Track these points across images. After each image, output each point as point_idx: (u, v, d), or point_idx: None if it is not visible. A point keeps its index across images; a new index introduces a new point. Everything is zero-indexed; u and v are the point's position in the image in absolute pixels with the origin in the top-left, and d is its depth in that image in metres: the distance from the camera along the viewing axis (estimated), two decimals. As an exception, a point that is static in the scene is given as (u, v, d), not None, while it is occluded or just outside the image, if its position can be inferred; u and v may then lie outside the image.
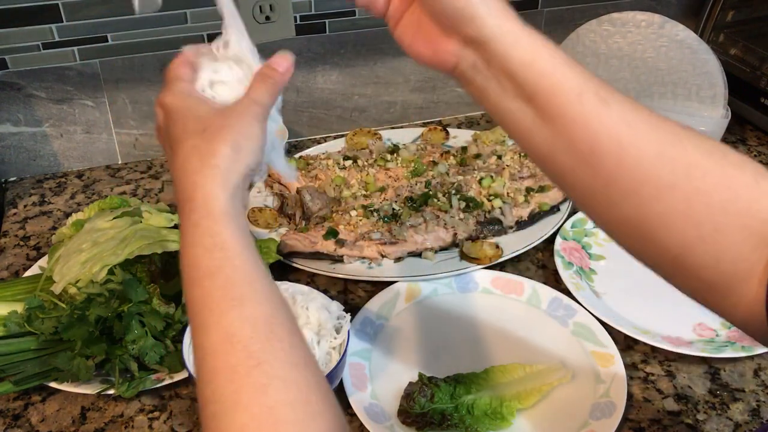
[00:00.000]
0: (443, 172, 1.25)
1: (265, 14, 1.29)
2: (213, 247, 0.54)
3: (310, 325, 0.87)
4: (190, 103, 0.61)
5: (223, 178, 0.56)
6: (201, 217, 0.55)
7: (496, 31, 0.55)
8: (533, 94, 0.55)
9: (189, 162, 0.57)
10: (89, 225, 1.02)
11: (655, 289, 1.08)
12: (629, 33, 1.20)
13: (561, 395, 0.90)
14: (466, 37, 0.57)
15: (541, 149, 0.57)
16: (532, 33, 0.56)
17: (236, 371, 0.49)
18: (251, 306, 0.52)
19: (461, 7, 0.55)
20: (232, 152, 0.57)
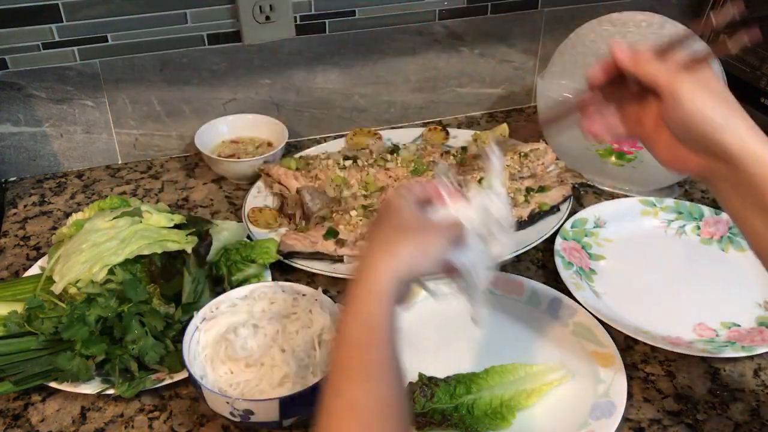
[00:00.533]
0: (443, 172, 1.25)
1: (265, 14, 1.29)
2: (366, 324, 0.62)
3: (312, 329, 0.87)
4: (405, 208, 0.70)
5: (395, 267, 0.64)
6: (364, 292, 0.63)
7: (742, 152, 0.64)
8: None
9: (375, 245, 0.66)
10: (89, 225, 1.02)
11: (655, 289, 1.08)
12: (629, 33, 1.20)
13: (561, 395, 0.90)
14: (715, 156, 0.66)
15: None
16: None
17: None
18: (381, 386, 0.59)
19: (710, 136, 0.65)
20: (413, 251, 0.65)
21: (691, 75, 0.67)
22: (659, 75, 0.67)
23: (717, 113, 0.65)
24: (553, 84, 1.29)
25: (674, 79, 0.67)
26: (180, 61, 1.31)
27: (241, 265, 1.03)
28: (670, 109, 0.67)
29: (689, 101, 0.65)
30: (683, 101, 0.66)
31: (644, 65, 0.69)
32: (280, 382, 0.82)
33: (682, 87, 0.66)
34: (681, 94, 0.66)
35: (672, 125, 0.68)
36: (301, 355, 0.84)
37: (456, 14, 1.42)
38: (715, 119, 0.65)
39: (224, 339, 0.85)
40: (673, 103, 0.66)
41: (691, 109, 0.65)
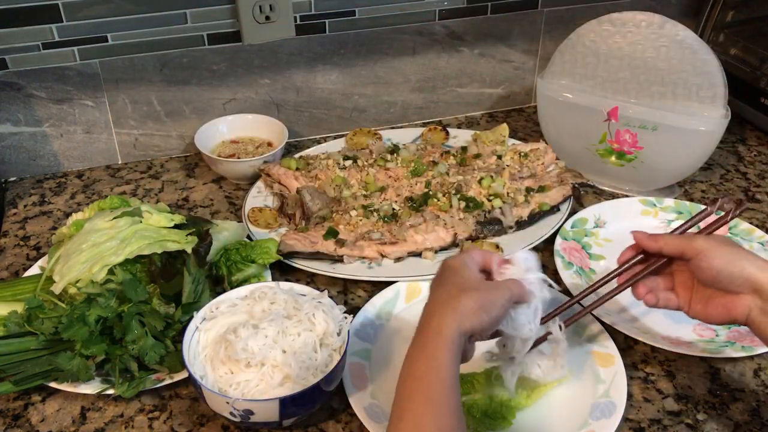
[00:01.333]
0: (443, 172, 1.25)
1: (265, 14, 1.29)
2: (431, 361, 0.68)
3: (314, 332, 0.86)
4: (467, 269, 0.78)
5: (458, 319, 0.71)
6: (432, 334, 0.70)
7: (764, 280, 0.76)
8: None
9: (440, 299, 0.74)
10: (89, 225, 1.02)
11: (655, 289, 1.08)
12: (629, 33, 1.20)
13: (561, 395, 0.90)
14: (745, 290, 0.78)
15: None
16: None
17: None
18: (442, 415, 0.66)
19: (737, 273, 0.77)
20: (474, 307, 0.72)
21: (703, 236, 0.83)
22: (681, 242, 0.82)
23: (736, 256, 0.78)
24: (553, 84, 1.29)
25: (693, 240, 0.81)
26: (180, 61, 1.31)
27: (241, 265, 1.03)
28: (696, 263, 0.80)
29: (711, 250, 0.79)
30: (706, 252, 0.79)
31: (664, 239, 0.83)
32: (281, 383, 0.82)
33: (698, 244, 0.80)
34: (701, 248, 0.79)
35: (703, 276, 0.80)
36: (303, 357, 0.84)
37: (456, 14, 1.42)
38: (736, 260, 0.78)
39: (224, 339, 0.85)
40: (698, 257, 0.79)
41: (713, 256, 0.78)
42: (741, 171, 1.37)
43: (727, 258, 0.78)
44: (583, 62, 1.26)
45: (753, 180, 1.35)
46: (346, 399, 0.88)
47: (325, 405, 0.90)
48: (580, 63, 1.26)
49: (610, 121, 1.24)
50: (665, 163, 1.23)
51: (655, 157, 1.23)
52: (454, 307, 0.72)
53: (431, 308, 0.74)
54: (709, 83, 1.16)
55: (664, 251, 0.83)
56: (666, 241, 0.83)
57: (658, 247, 0.83)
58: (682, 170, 1.25)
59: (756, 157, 1.41)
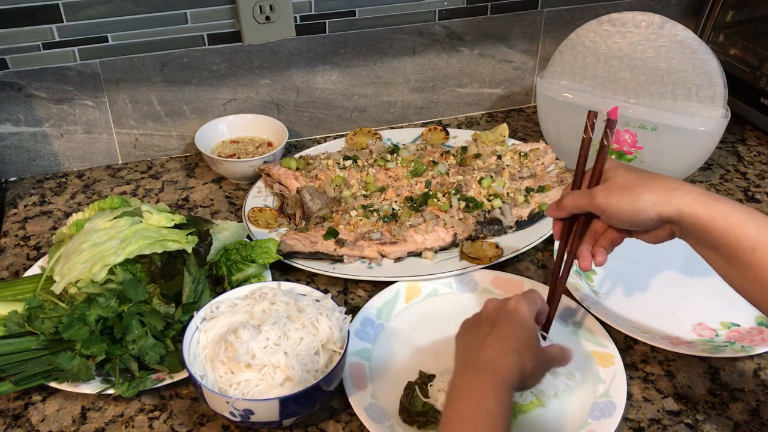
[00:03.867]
0: (443, 172, 1.25)
1: (265, 14, 1.29)
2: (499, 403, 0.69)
3: (317, 337, 0.86)
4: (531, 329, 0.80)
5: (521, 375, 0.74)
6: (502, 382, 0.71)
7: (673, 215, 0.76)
8: (718, 247, 0.75)
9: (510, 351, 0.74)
10: (89, 225, 1.02)
11: (655, 289, 1.09)
12: (629, 33, 1.20)
13: (561, 395, 0.90)
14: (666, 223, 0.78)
15: (734, 284, 0.78)
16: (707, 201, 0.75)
17: None
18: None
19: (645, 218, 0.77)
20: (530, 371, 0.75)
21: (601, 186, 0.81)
22: (582, 202, 0.82)
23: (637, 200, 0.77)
24: (553, 84, 1.29)
25: (592, 198, 0.80)
26: (180, 61, 1.31)
27: (241, 265, 1.03)
28: (608, 219, 0.81)
29: (611, 207, 0.79)
30: (609, 211, 0.79)
31: (568, 203, 0.84)
32: (281, 383, 0.82)
33: (600, 201, 0.79)
34: (603, 207, 0.79)
35: (620, 226, 0.82)
36: (305, 361, 0.84)
37: (456, 14, 1.42)
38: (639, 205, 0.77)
39: (224, 340, 0.85)
40: (606, 215, 0.80)
41: (618, 211, 0.78)
42: (741, 171, 1.37)
43: (630, 207, 0.77)
44: (583, 62, 1.26)
45: (753, 180, 1.35)
46: (346, 399, 0.89)
47: (325, 405, 0.90)
48: (580, 63, 1.26)
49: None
50: (665, 163, 1.23)
51: (655, 158, 1.23)
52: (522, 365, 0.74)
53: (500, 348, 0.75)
54: (709, 83, 1.17)
55: (574, 213, 0.84)
56: (570, 204, 0.83)
57: (567, 212, 0.84)
58: (682, 170, 1.25)
59: (756, 157, 1.42)
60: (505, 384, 0.71)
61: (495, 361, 0.73)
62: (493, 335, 0.76)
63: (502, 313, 0.80)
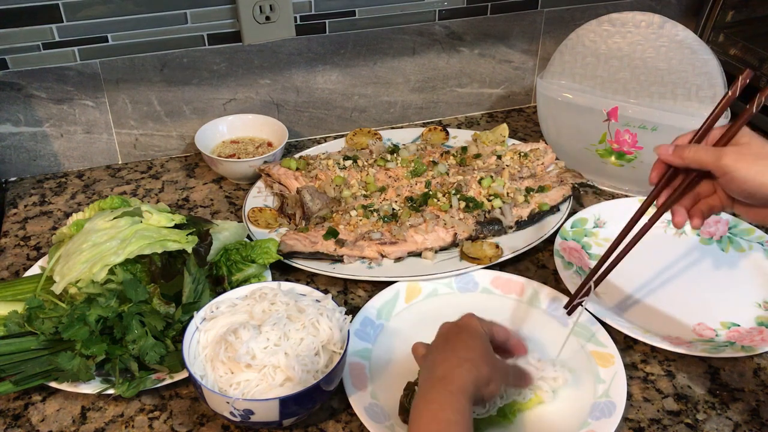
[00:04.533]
0: (443, 172, 1.25)
1: (265, 14, 1.29)
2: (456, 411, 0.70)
3: (318, 338, 0.86)
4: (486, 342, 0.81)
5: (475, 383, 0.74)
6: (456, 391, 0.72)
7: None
8: None
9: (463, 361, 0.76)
10: (89, 225, 1.02)
11: (655, 289, 1.09)
12: (629, 33, 1.20)
13: (561, 395, 0.90)
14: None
15: None
16: None
17: None
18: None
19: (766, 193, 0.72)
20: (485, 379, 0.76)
21: (731, 147, 0.75)
22: (705, 158, 0.75)
23: (765, 173, 0.72)
24: (553, 84, 1.29)
25: (718, 157, 0.74)
26: (180, 61, 1.31)
27: (241, 265, 1.03)
28: (726, 184, 0.75)
29: (738, 171, 0.73)
30: (734, 174, 0.73)
31: (689, 155, 0.77)
32: (281, 383, 0.82)
33: (727, 163, 0.73)
34: (730, 169, 0.73)
35: (735, 195, 0.76)
36: (305, 361, 0.84)
37: (456, 14, 1.42)
38: (766, 179, 0.72)
39: (224, 340, 0.85)
40: (726, 179, 0.74)
41: (744, 178, 0.73)
42: (741, 171, 1.37)
43: (759, 177, 0.72)
44: (583, 62, 1.26)
45: (753, 180, 1.35)
46: (346, 399, 0.89)
47: (325, 405, 0.90)
48: (580, 63, 1.26)
49: (609, 121, 1.24)
50: (665, 163, 1.23)
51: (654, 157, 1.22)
52: (477, 372, 0.75)
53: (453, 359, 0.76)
54: (709, 83, 1.17)
55: (690, 167, 0.78)
56: (692, 156, 0.76)
57: (684, 163, 0.77)
58: (682, 170, 1.25)
59: (756, 157, 1.41)
60: (461, 392, 0.72)
61: (448, 372, 0.74)
62: (446, 351, 0.78)
63: (453, 329, 0.82)
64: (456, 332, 0.81)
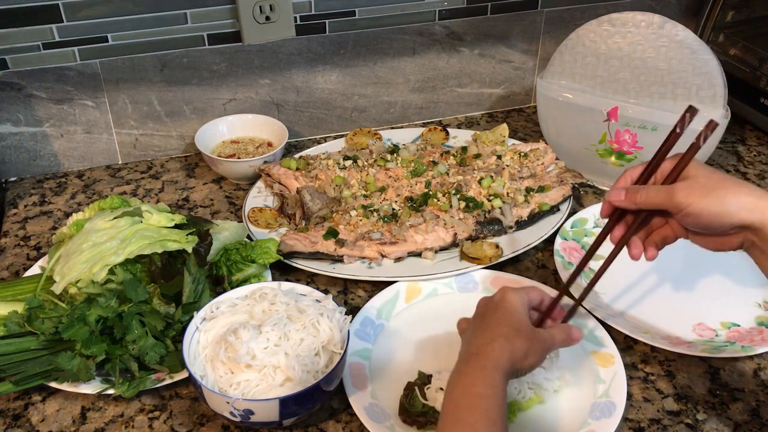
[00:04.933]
0: (443, 172, 1.25)
1: (265, 14, 1.29)
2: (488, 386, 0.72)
3: (318, 338, 0.86)
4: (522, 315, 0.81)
5: (512, 358, 0.75)
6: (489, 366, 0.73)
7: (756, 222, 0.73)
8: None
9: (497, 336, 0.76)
10: (89, 225, 1.02)
11: (655, 289, 1.08)
12: (629, 33, 1.20)
13: (561, 395, 0.90)
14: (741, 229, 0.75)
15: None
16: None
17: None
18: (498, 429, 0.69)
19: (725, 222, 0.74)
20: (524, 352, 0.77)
21: (681, 183, 0.77)
22: (657, 198, 0.77)
23: (721, 203, 0.73)
24: (553, 84, 1.29)
25: (670, 196, 0.76)
26: (180, 61, 1.31)
27: (241, 265, 1.03)
28: (682, 219, 0.76)
29: (692, 206, 0.74)
30: (688, 210, 0.75)
31: (642, 199, 0.78)
32: (281, 383, 0.82)
33: (680, 200, 0.75)
34: (683, 206, 0.75)
35: (692, 228, 0.78)
36: (305, 361, 0.84)
37: (456, 14, 1.42)
38: (722, 208, 0.73)
39: (224, 340, 0.85)
40: (681, 215, 0.76)
41: (698, 212, 0.74)
42: (741, 171, 1.37)
43: (713, 209, 0.73)
44: (583, 62, 1.26)
45: (753, 180, 1.35)
46: (346, 399, 0.89)
47: (325, 405, 0.90)
48: (580, 63, 1.26)
49: (609, 121, 1.24)
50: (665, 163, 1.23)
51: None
52: (510, 349, 0.75)
53: (488, 335, 0.77)
54: (709, 83, 1.17)
55: (644, 208, 0.79)
56: (644, 199, 0.78)
57: (637, 206, 0.79)
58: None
59: (756, 157, 1.42)
60: (495, 368, 0.73)
61: (482, 348, 0.75)
62: (482, 327, 0.79)
63: (489, 306, 0.83)
64: (493, 308, 0.81)
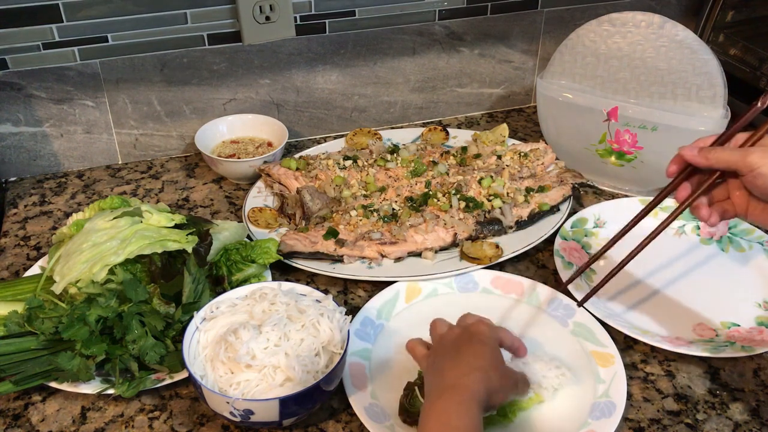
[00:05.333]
0: (443, 172, 1.25)
1: (265, 14, 1.29)
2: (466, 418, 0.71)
3: (318, 339, 0.86)
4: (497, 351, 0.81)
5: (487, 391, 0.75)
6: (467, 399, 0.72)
7: None
8: None
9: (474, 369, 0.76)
10: (89, 225, 1.02)
11: (655, 289, 1.09)
12: (629, 33, 1.20)
13: (561, 395, 0.90)
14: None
15: None
16: None
17: None
18: None
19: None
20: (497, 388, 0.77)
21: (756, 147, 0.77)
22: (731, 157, 0.77)
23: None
24: (553, 84, 1.29)
25: (744, 155, 0.76)
26: (180, 61, 1.31)
27: (241, 265, 1.03)
28: (751, 180, 0.76)
29: (764, 167, 0.74)
30: (760, 170, 0.74)
31: (715, 155, 0.78)
32: (281, 383, 0.82)
33: (754, 159, 0.75)
34: (757, 165, 0.75)
35: (758, 192, 0.77)
36: (305, 362, 0.84)
37: (456, 14, 1.42)
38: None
39: (224, 340, 0.85)
40: (752, 175, 0.75)
41: None
42: (741, 171, 1.37)
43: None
44: (583, 62, 1.26)
45: (753, 180, 1.35)
46: (346, 399, 0.89)
47: (325, 405, 0.90)
48: (580, 63, 1.26)
49: (609, 121, 1.24)
50: (665, 163, 1.22)
51: (654, 157, 1.23)
52: (488, 380, 0.75)
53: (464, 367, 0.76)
54: (709, 83, 1.17)
55: (715, 167, 0.79)
56: (717, 157, 0.78)
57: (709, 163, 0.79)
58: (682, 170, 1.24)
59: (756, 157, 1.41)
60: (471, 401, 0.72)
61: (458, 380, 0.74)
62: (457, 358, 0.78)
63: (464, 336, 0.81)
64: (467, 339, 0.81)
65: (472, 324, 0.83)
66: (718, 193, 0.82)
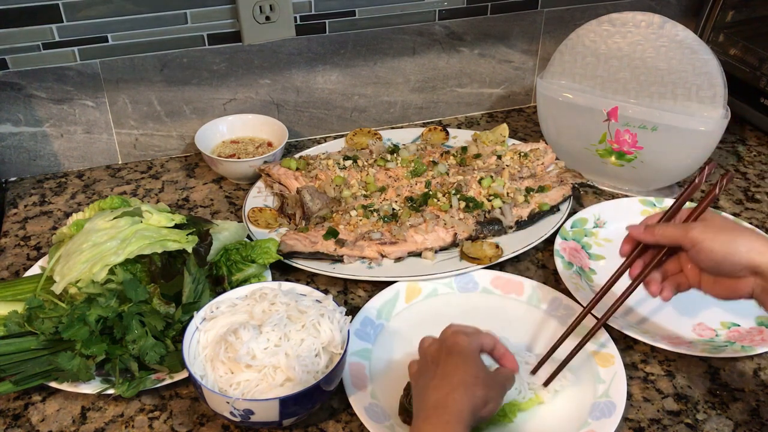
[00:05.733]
0: (443, 172, 1.25)
1: (265, 14, 1.29)
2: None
3: (319, 339, 0.86)
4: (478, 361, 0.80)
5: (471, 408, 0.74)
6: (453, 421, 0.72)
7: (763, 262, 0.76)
8: None
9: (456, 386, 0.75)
10: (89, 225, 1.02)
11: (654, 289, 1.08)
12: (629, 33, 1.20)
13: (561, 395, 0.90)
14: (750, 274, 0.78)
15: None
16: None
17: None
18: None
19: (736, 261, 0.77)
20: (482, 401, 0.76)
21: (697, 222, 0.82)
22: (674, 233, 0.82)
23: (733, 243, 0.77)
24: (553, 84, 1.29)
25: (686, 231, 0.80)
26: (180, 61, 1.31)
27: (241, 265, 1.03)
28: (694, 255, 0.80)
29: (705, 242, 0.78)
30: (701, 246, 0.79)
31: (660, 231, 0.83)
32: (281, 383, 0.82)
33: (695, 235, 0.79)
34: (698, 241, 0.79)
35: (703, 266, 0.81)
36: (306, 362, 0.84)
37: (456, 14, 1.42)
38: (733, 248, 0.77)
39: (224, 340, 0.85)
40: (695, 250, 0.79)
41: (710, 248, 0.78)
42: (741, 171, 1.37)
43: (724, 248, 0.78)
44: (583, 62, 1.26)
45: (753, 180, 1.35)
46: (346, 399, 0.89)
47: (325, 405, 0.90)
48: (580, 63, 1.26)
49: (609, 121, 1.24)
50: (665, 163, 1.23)
51: (654, 157, 1.23)
52: (472, 396, 0.75)
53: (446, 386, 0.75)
54: (709, 83, 1.17)
55: (661, 243, 0.84)
56: (662, 233, 0.83)
57: (655, 239, 0.84)
58: (682, 170, 1.25)
59: (756, 158, 1.41)
60: (457, 421, 0.71)
61: (442, 401, 0.73)
62: (438, 376, 0.77)
63: (442, 351, 0.80)
64: (446, 354, 0.79)
65: (449, 337, 0.81)
66: (671, 267, 0.86)
